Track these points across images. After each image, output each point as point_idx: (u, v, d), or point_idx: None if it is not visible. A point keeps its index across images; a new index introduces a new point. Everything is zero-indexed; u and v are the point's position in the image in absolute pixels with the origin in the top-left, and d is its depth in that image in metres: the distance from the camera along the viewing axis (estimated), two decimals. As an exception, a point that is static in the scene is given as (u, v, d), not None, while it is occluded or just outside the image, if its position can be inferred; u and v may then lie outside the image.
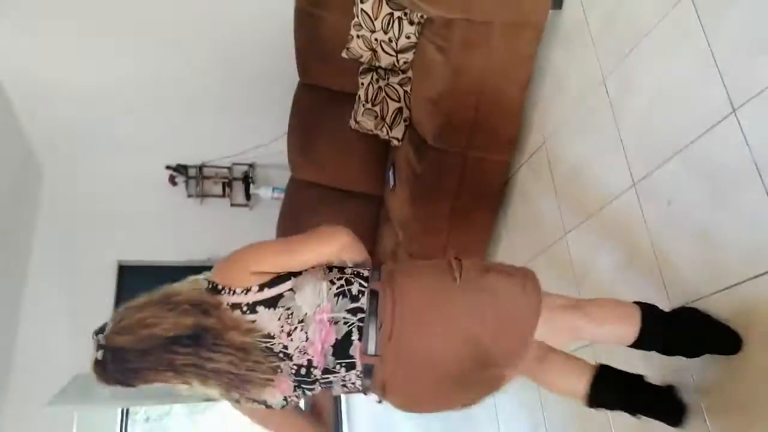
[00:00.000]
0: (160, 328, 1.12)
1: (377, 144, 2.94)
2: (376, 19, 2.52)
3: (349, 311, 1.23)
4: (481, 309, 1.26)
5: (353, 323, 1.22)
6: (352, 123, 2.92)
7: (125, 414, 4.48)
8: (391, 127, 2.74)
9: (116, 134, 4.46)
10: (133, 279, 4.59)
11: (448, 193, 2.50)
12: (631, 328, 1.39)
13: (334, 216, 3.17)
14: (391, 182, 2.84)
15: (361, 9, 2.53)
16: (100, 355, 1.14)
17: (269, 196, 4.75)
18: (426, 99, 2.42)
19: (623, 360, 1.59)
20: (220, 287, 1.20)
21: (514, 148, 2.48)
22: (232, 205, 4.88)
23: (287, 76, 3.47)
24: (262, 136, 4.62)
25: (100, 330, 1.18)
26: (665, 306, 1.58)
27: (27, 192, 4.34)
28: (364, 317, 1.23)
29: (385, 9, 2.50)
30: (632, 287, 1.81)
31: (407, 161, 2.63)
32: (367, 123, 2.82)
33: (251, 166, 4.91)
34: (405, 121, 2.70)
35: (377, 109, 2.75)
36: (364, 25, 2.57)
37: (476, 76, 2.28)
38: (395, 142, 2.77)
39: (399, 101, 2.68)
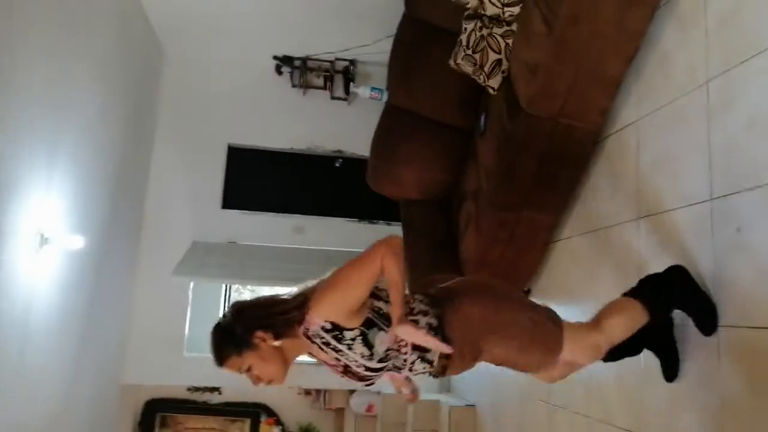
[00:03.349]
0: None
1: (474, 84, 3.00)
2: (486, -31, 2.48)
3: None
4: None
5: None
6: (451, 62, 2.97)
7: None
8: (489, 76, 2.78)
9: (229, 24, 4.67)
10: (241, 159, 5.07)
11: (535, 154, 2.59)
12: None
13: (423, 145, 3.35)
14: (482, 127, 2.94)
15: (473, -43, 2.48)
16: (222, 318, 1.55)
17: (367, 94, 4.89)
18: (524, 63, 2.45)
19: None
20: None
21: (606, 118, 2.49)
22: (332, 98, 5.10)
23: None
24: (365, 35, 4.68)
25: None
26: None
27: (152, 73, 4.75)
28: None
29: (497, -39, 2.44)
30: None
31: (499, 115, 2.71)
32: (466, 67, 2.87)
33: (352, 62, 5.04)
34: (503, 72, 2.73)
35: (477, 56, 2.78)
36: (473, -27, 2.53)
37: (579, 50, 2.26)
38: (491, 91, 2.82)
39: (500, 53, 2.69)
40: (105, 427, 4.12)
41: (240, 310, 1.55)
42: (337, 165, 5.05)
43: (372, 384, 1.64)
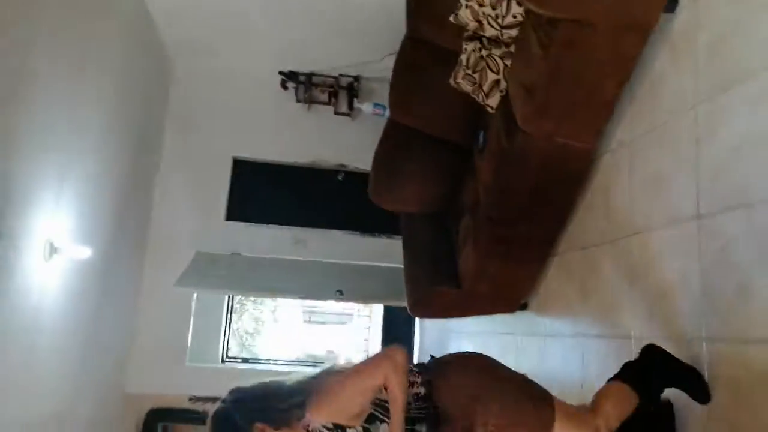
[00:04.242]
0: None
1: (473, 102, 3.08)
2: (485, -7, 2.57)
3: None
4: None
5: None
6: (451, 81, 3.06)
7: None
8: (487, 95, 2.87)
9: (236, 39, 4.79)
10: (245, 173, 5.16)
11: (532, 171, 2.67)
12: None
13: (424, 161, 3.44)
14: (481, 144, 3.02)
15: (472, -18, 2.58)
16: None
17: (370, 111, 5.02)
18: (521, 84, 2.53)
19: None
20: None
21: (600, 138, 2.57)
22: (335, 113, 5.20)
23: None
24: (369, 51, 4.79)
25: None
26: (691, 330, 1.88)
27: (160, 87, 4.87)
28: None
29: (496, -14, 2.53)
30: (672, 305, 2.02)
31: (497, 132, 2.79)
32: (466, 86, 2.96)
33: (356, 78, 5.14)
34: (501, 92, 2.81)
35: (476, 76, 2.87)
36: (473, -3, 2.63)
37: (574, 73, 2.34)
38: (489, 110, 2.91)
39: (498, 74, 2.78)
40: (107, 434, 4.18)
41: (239, 399, 1.56)
42: (340, 179, 5.14)
43: None
